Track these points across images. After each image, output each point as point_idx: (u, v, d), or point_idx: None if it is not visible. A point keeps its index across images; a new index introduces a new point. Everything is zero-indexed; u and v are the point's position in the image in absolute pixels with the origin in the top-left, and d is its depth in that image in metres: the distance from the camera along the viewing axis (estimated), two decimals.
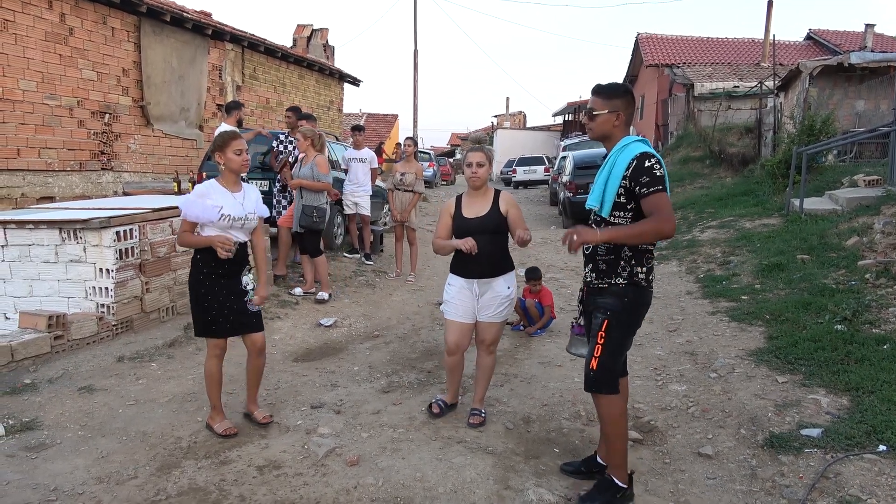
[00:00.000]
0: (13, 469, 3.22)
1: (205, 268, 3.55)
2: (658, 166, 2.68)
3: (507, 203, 3.72)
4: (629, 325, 2.84)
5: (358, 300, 7.08)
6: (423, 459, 3.33)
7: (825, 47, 24.15)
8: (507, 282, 3.73)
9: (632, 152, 2.73)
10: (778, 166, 11.34)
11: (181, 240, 3.63)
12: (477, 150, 3.82)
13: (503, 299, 3.71)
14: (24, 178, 8.46)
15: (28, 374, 4.39)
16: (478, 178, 3.73)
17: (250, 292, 3.65)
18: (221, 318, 3.56)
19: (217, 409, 3.72)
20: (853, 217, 7.69)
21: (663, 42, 25.75)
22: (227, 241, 3.46)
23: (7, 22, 8.15)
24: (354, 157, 8.61)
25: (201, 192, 3.54)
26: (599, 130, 2.86)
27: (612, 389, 2.83)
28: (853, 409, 3.57)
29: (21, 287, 5.25)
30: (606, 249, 2.81)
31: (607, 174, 2.78)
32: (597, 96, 2.84)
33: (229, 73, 12.78)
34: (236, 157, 3.56)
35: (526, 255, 10.30)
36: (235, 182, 3.64)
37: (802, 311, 5.21)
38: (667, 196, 2.67)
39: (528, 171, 28.37)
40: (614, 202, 2.75)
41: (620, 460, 2.90)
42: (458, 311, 3.76)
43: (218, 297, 3.55)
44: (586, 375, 2.85)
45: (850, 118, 14.51)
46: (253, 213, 3.63)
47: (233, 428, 3.67)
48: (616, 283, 2.80)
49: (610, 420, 2.87)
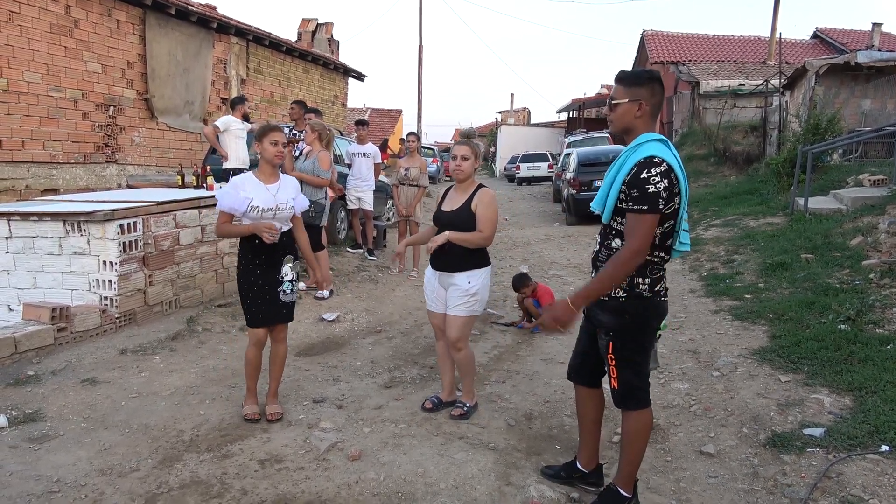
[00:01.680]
0: (16, 460, 3.23)
1: (243, 259, 3.71)
2: (657, 179, 2.38)
3: (479, 200, 3.69)
4: (636, 341, 2.62)
5: (361, 295, 7.08)
6: (425, 455, 3.33)
7: (832, 46, 24.06)
8: (469, 277, 3.68)
9: (639, 155, 2.47)
10: (783, 165, 11.31)
11: (219, 230, 3.79)
12: (462, 144, 3.84)
13: (463, 293, 3.67)
14: (28, 171, 8.47)
15: (31, 366, 4.40)
16: (461, 172, 3.74)
17: (287, 283, 3.71)
18: (255, 307, 3.69)
19: (251, 391, 3.87)
20: (858, 216, 7.67)
21: (669, 39, 25.68)
22: (270, 227, 3.54)
23: (12, 14, 8.16)
24: (358, 152, 8.60)
25: (236, 183, 3.71)
26: (620, 122, 2.58)
27: (640, 404, 2.66)
28: (856, 409, 3.56)
29: (25, 279, 5.26)
30: (607, 256, 2.59)
31: (613, 176, 2.55)
32: (619, 84, 2.57)
33: (234, 66, 12.77)
34: (271, 147, 3.67)
35: (529, 251, 10.30)
36: (272, 174, 3.75)
37: (806, 311, 5.20)
38: (648, 220, 2.40)
39: (532, 168, 28.30)
40: (615, 207, 2.54)
41: (632, 472, 2.76)
42: (429, 299, 3.90)
43: (253, 287, 3.68)
44: (612, 393, 2.70)
45: (855, 117, 14.44)
46: (285, 204, 3.70)
47: (256, 415, 3.77)
48: (615, 296, 2.57)
49: (637, 434, 2.69)
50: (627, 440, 2.72)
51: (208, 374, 4.53)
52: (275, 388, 3.91)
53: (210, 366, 4.70)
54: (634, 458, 2.74)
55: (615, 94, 2.58)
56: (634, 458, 2.74)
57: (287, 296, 3.73)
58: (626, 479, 2.76)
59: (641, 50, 26.50)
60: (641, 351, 2.65)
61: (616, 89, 2.59)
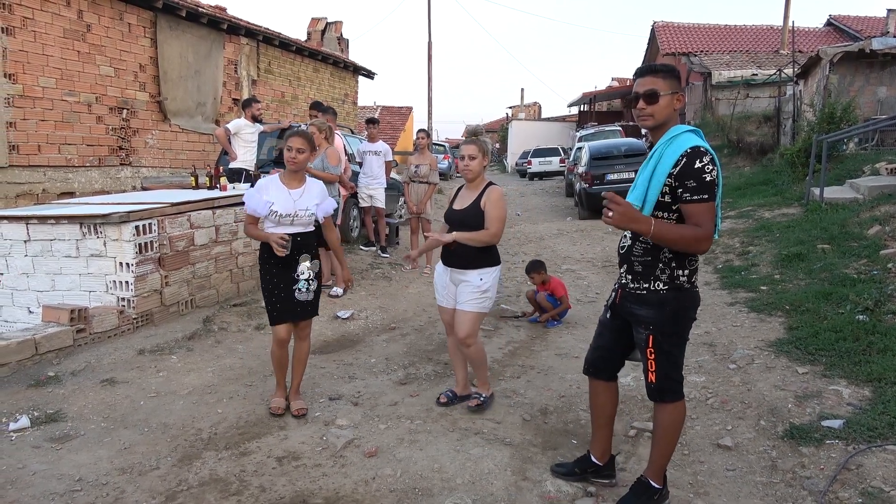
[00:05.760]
0: (39, 460, 3.28)
1: (262, 259, 3.81)
2: (710, 167, 2.40)
3: (488, 198, 3.72)
4: (677, 334, 2.61)
5: (374, 293, 7.10)
6: (441, 451, 3.34)
7: (846, 33, 23.73)
8: (480, 274, 3.70)
9: (681, 146, 2.44)
10: (797, 155, 11.20)
11: (246, 231, 3.96)
12: (470, 143, 3.83)
13: (474, 289, 3.69)
14: (44, 174, 8.57)
15: (52, 367, 4.46)
16: (469, 171, 3.76)
17: (302, 281, 3.76)
18: (270, 305, 3.78)
19: (280, 385, 3.95)
20: (875, 206, 7.57)
21: (680, 30, 25.46)
22: (281, 239, 3.60)
23: (26, 20, 8.24)
24: (369, 150, 8.62)
25: (261, 186, 3.80)
26: (662, 115, 2.52)
27: (676, 396, 2.66)
28: (875, 400, 3.53)
29: (43, 281, 5.33)
30: (643, 250, 2.56)
31: (652, 169, 2.50)
32: (655, 76, 2.53)
33: (244, 67, 12.83)
34: (287, 151, 3.76)
35: (542, 246, 10.27)
36: (293, 178, 3.82)
37: (823, 302, 5.15)
38: (713, 208, 2.43)
39: (544, 163, 28.22)
40: (658, 202, 2.49)
41: (664, 465, 2.75)
42: (440, 294, 3.94)
43: (269, 285, 3.77)
44: (647, 388, 2.69)
45: (871, 105, 14.25)
46: (304, 210, 3.76)
47: (281, 409, 3.86)
48: (655, 290, 2.56)
49: (672, 427, 2.68)
50: (662, 433, 2.70)
51: (225, 372, 4.57)
52: (297, 384, 3.97)
53: (227, 365, 4.74)
54: (667, 451, 2.73)
55: (656, 86, 2.51)
56: (667, 451, 2.73)
57: (302, 294, 3.77)
58: (658, 472, 2.75)
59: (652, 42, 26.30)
60: (680, 343, 2.64)
61: (654, 81, 2.53)
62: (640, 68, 2.61)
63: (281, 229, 3.69)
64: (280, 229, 3.69)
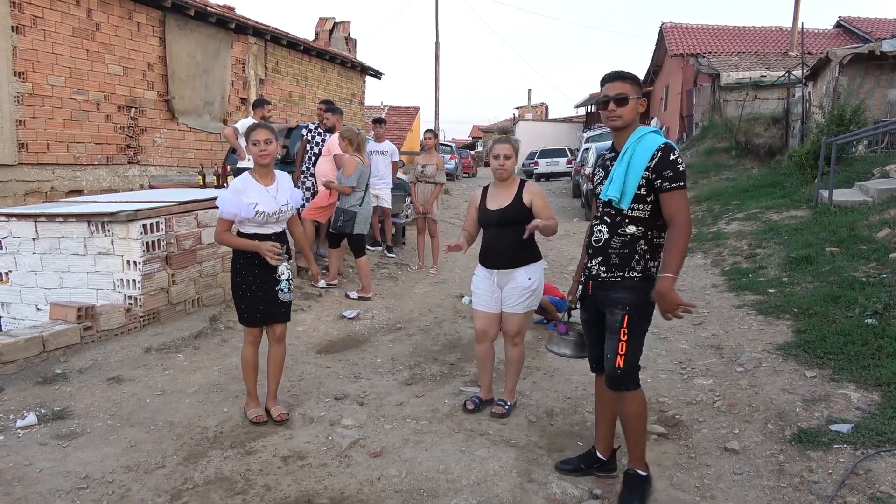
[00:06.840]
0: (45, 457, 3.30)
1: (241, 258, 3.63)
2: (681, 160, 2.67)
3: (531, 193, 3.71)
4: (646, 318, 2.81)
5: (380, 293, 7.10)
6: (447, 451, 3.34)
7: (856, 35, 23.56)
8: (528, 273, 3.71)
9: (653, 143, 2.69)
10: (806, 157, 11.12)
11: (220, 239, 3.68)
12: (504, 142, 3.78)
13: (524, 290, 3.70)
14: (53, 172, 8.62)
15: (59, 365, 4.48)
16: (504, 171, 3.74)
17: (283, 282, 3.66)
18: (252, 306, 3.64)
19: (252, 395, 3.81)
20: (885, 208, 7.52)
21: (688, 31, 25.34)
22: (274, 248, 3.51)
23: (36, 18, 8.29)
24: (375, 150, 8.62)
25: (237, 188, 3.58)
26: (630, 116, 2.78)
27: (636, 385, 2.83)
28: (884, 404, 3.50)
29: (51, 279, 5.35)
30: (622, 243, 2.77)
31: (626, 165, 2.72)
32: (624, 81, 2.79)
33: (252, 66, 12.86)
34: (253, 147, 3.59)
35: (549, 247, 10.24)
36: (266, 174, 3.67)
37: (831, 305, 5.11)
38: (685, 194, 2.67)
39: (551, 164, 28.18)
40: (634, 195, 2.71)
41: (642, 452, 2.91)
42: (482, 300, 3.83)
43: (251, 286, 3.63)
44: (612, 375, 2.80)
45: (881, 107, 14.14)
46: (286, 205, 3.67)
47: (263, 416, 3.75)
48: (630, 277, 2.76)
49: (638, 414, 2.84)
50: (631, 423, 2.86)
51: (231, 371, 4.58)
52: (274, 388, 3.86)
53: (233, 363, 4.74)
54: (640, 438, 2.88)
55: (625, 91, 2.76)
56: (640, 438, 2.88)
57: (285, 294, 3.68)
58: (640, 459, 2.91)
59: (660, 43, 26.19)
60: (645, 330, 2.83)
61: (623, 86, 2.77)
62: (609, 74, 2.83)
63: (266, 230, 3.59)
64: (265, 230, 3.59)
